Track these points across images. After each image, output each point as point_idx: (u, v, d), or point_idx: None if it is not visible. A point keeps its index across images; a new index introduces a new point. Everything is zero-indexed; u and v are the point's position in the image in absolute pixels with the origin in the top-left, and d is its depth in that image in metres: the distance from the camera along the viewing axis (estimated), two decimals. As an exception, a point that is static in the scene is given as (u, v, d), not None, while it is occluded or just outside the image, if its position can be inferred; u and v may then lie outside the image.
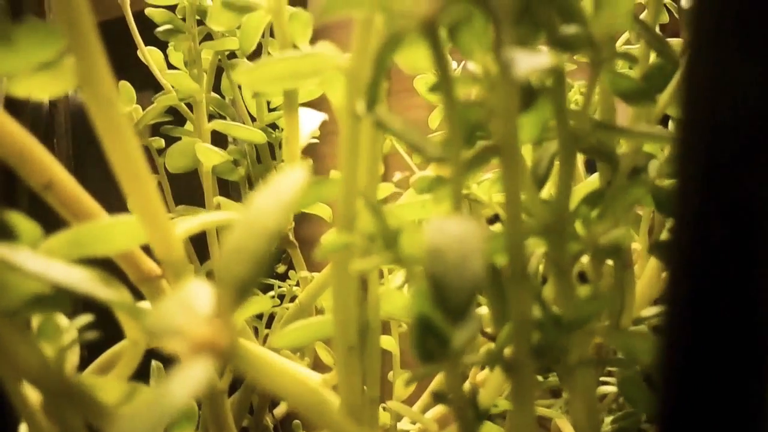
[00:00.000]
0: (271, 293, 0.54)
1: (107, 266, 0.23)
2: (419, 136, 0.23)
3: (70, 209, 0.28)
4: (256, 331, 0.54)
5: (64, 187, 0.27)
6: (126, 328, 0.30)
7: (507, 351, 0.24)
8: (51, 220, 0.25)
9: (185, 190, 0.60)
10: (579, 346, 0.25)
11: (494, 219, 0.38)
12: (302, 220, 0.51)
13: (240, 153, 0.58)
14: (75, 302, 0.47)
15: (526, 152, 0.39)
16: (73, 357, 0.29)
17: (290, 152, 0.35)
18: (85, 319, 0.26)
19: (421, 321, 0.20)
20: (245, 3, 0.34)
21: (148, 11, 0.51)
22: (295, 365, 0.35)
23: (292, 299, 0.55)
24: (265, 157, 0.55)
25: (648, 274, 0.37)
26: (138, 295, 0.28)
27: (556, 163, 0.27)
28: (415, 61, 0.30)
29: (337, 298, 0.25)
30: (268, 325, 0.54)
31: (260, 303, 0.34)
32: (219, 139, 0.55)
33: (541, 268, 0.29)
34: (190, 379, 0.14)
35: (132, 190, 0.23)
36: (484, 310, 0.33)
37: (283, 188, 0.17)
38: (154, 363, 0.37)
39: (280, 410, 0.57)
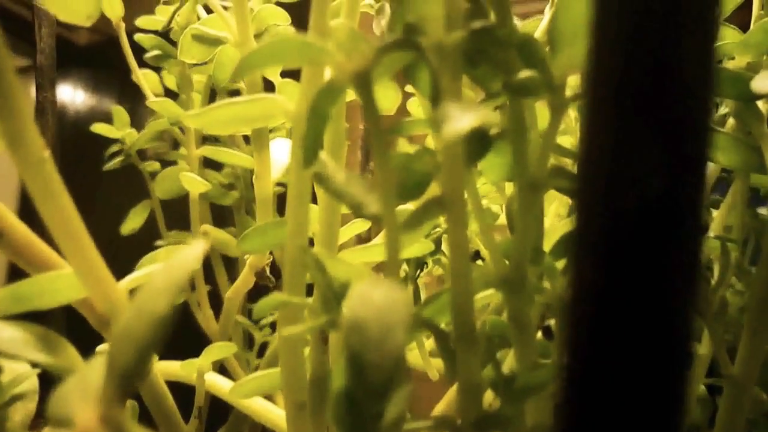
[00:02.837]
0: (262, 321, 0.53)
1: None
2: (359, 191, 0.22)
3: (24, 257, 0.27)
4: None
5: (16, 235, 0.27)
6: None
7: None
8: None
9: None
10: (535, 412, 0.23)
11: (476, 255, 0.37)
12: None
13: (234, 176, 0.57)
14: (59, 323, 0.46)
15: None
16: (28, 407, 0.28)
17: (262, 188, 0.34)
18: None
19: (343, 397, 0.19)
20: (213, 37, 0.33)
21: (137, 37, 0.50)
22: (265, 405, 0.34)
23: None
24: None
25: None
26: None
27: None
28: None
29: (283, 355, 0.24)
30: (261, 354, 0.53)
31: (225, 349, 0.34)
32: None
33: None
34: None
35: (69, 250, 0.23)
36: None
37: (176, 268, 0.16)
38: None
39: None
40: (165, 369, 0.38)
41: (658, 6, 0.12)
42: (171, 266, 0.16)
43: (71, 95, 1.82)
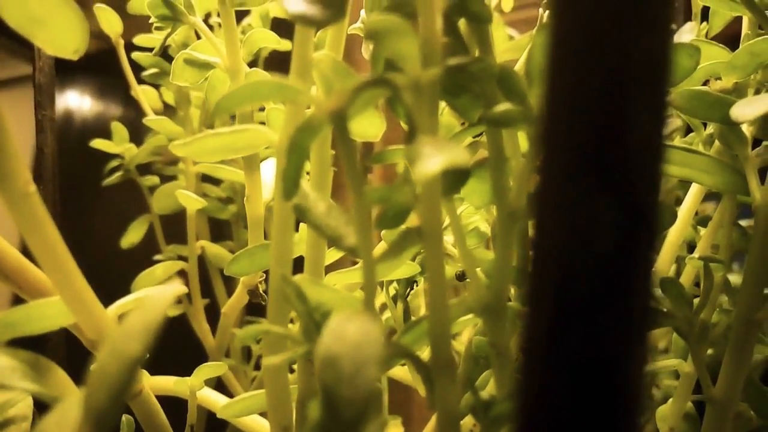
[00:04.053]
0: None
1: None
2: (338, 223, 0.22)
3: (15, 282, 0.28)
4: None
5: (8, 260, 0.27)
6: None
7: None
8: None
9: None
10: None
11: (462, 275, 0.38)
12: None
13: (232, 190, 0.58)
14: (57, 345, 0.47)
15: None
16: (21, 427, 0.29)
17: (253, 210, 0.34)
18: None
19: (319, 428, 0.19)
20: (204, 61, 0.34)
21: (134, 56, 0.51)
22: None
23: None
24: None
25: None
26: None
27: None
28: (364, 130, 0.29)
29: (267, 380, 0.25)
30: (257, 367, 0.54)
31: (216, 369, 0.34)
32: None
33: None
34: None
35: (57, 280, 0.23)
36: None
37: (151, 311, 0.16)
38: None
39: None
40: (159, 384, 0.38)
41: (609, 62, 0.13)
42: (146, 308, 0.17)
43: (77, 102, 1.83)
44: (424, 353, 0.30)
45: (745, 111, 0.27)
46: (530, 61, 0.22)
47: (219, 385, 0.47)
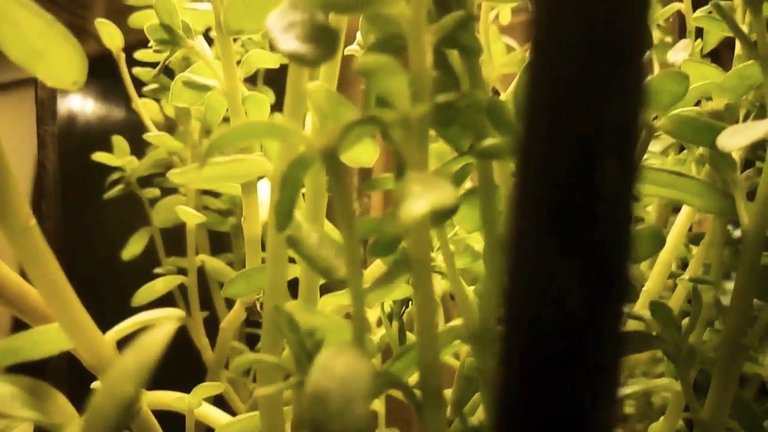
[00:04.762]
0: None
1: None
2: (329, 255, 0.23)
3: (16, 306, 0.28)
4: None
5: (9, 285, 0.28)
6: None
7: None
8: None
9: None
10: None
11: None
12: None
13: (232, 202, 0.58)
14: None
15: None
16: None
17: (250, 230, 0.35)
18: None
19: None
20: (201, 83, 0.34)
21: (135, 71, 0.52)
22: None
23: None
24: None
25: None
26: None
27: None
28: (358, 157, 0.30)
29: (261, 406, 0.26)
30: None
31: (213, 389, 0.35)
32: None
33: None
34: None
35: (57, 309, 0.24)
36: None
37: (146, 349, 0.17)
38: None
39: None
40: (158, 399, 0.39)
41: (580, 127, 0.13)
42: (140, 347, 0.17)
43: (81, 105, 1.84)
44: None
45: (732, 141, 0.28)
46: (517, 94, 0.22)
47: (218, 397, 0.48)
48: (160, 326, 0.18)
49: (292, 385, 0.22)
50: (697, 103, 0.40)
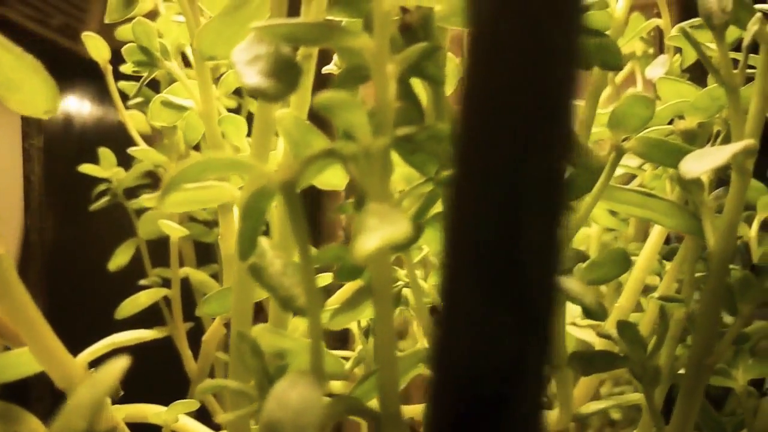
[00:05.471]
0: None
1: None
2: (290, 283, 0.23)
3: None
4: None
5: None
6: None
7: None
8: None
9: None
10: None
11: (434, 309, 0.39)
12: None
13: (218, 214, 0.59)
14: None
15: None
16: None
17: (227, 248, 0.36)
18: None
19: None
20: (179, 104, 0.35)
21: (120, 85, 0.52)
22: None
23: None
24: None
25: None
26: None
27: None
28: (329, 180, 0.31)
29: (228, 427, 0.26)
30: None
31: (187, 406, 0.35)
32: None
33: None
34: None
35: (27, 336, 0.24)
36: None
37: (97, 386, 0.17)
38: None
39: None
40: (136, 412, 0.39)
41: (505, 182, 0.14)
42: (93, 383, 0.18)
43: (77, 107, 1.85)
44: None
45: (693, 167, 0.28)
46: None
47: (202, 408, 0.48)
48: (114, 361, 0.18)
49: (254, 411, 0.23)
50: (670, 123, 0.40)
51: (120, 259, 0.56)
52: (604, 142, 0.38)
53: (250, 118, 0.37)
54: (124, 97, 0.56)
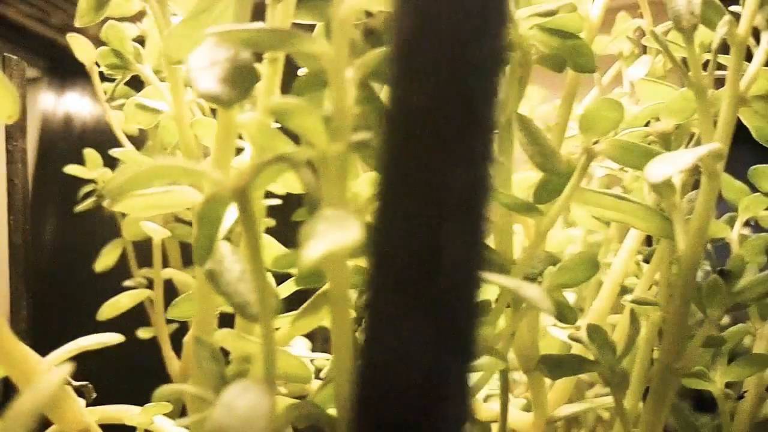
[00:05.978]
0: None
1: None
2: (245, 290, 0.23)
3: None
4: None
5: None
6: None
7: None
8: None
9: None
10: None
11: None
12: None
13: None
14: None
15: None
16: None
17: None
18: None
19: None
20: (152, 107, 0.35)
21: (103, 87, 0.52)
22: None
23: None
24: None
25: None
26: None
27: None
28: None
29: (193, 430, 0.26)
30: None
31: (160, 408, 0.35)
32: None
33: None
34: None
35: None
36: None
37: (36, 395, 0.17)
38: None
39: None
40: (110, 414, 0.39)
41: (425, 194, 0.14)
42: (33, 392, 0.18)
43: (77, 105, 1.85)
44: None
45: (657, 170, 0.28)
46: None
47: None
48: (54, 372, 0.18)
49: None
50: (647, 125, 0.40)
51: (107, 259, 0.56)
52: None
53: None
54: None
